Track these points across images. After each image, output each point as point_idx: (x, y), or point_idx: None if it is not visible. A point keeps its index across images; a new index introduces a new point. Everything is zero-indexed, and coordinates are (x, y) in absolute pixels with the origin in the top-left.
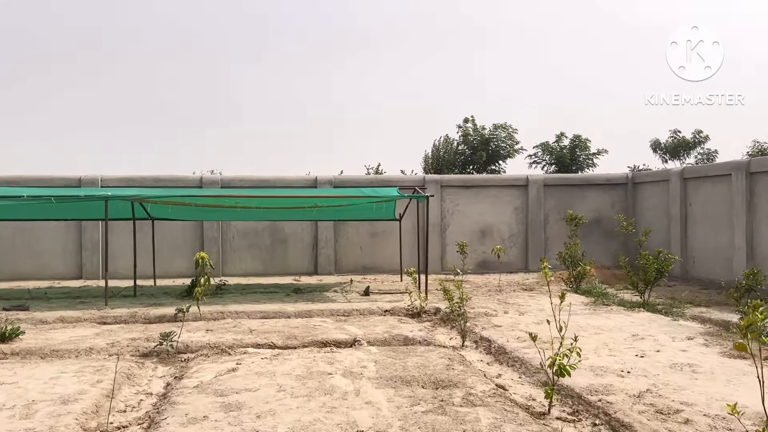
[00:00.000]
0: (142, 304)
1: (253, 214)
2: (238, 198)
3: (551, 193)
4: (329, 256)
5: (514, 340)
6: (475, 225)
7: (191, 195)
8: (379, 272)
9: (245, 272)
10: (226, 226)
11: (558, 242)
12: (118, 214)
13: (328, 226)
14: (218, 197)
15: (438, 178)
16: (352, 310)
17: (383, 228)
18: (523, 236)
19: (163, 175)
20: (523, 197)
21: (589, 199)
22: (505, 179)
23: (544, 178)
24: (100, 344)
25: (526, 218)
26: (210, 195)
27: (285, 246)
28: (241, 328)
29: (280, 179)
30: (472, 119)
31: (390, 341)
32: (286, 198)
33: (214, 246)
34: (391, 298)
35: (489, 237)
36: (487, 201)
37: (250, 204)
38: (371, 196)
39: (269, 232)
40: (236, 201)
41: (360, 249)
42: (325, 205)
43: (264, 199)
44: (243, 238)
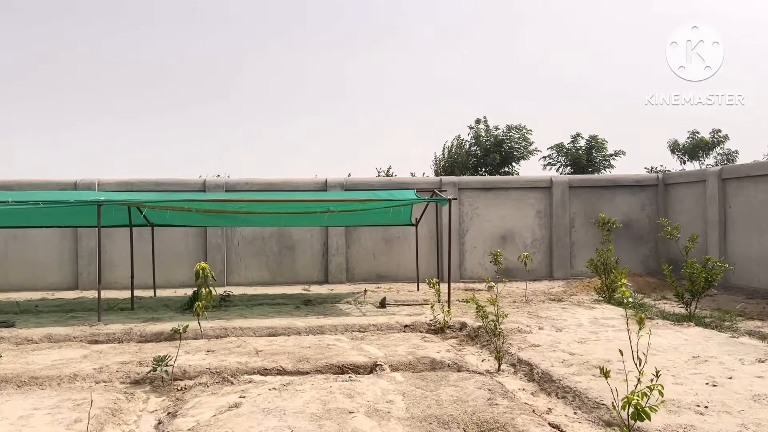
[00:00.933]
0: (139, 318)
1: (260, 219)
2: (243, 203)
3: (576, 195)
4: (340, 264)
5: (558, 364)
6: (495, 230)
7: (192, 200)
8: (393, 281)
9: (251, 281)
10: (231, 233)
11: (584, 248)
12: (115, 221)
13: (339, 232)
14: (222, 202)
15: (456, 180)
16: (369, 325)
17: (397, 233)
18: (547, 242)
19: (163, 179)
20: (546, 200)
21: (617, 201)
22: (528, 181)
23: (569, 179)
24: (87, 369)
25: (550, 222)
26: (212, 200)
27: (293, 253)
28: (246, 348)
29: (288, 182)
30: (484, 120)
31: (415, 365)
32: (296, 202)
33: (218, 254)
34: (410, 311)
35: (510, 243)
36: (509, 204)
37: (257, 209)
38: (388, 200)
39: (277, 239)
40: (241, 206)
41: (373, 256)
42: (339, 209)
43: (272, 204)
44: (249, 245)
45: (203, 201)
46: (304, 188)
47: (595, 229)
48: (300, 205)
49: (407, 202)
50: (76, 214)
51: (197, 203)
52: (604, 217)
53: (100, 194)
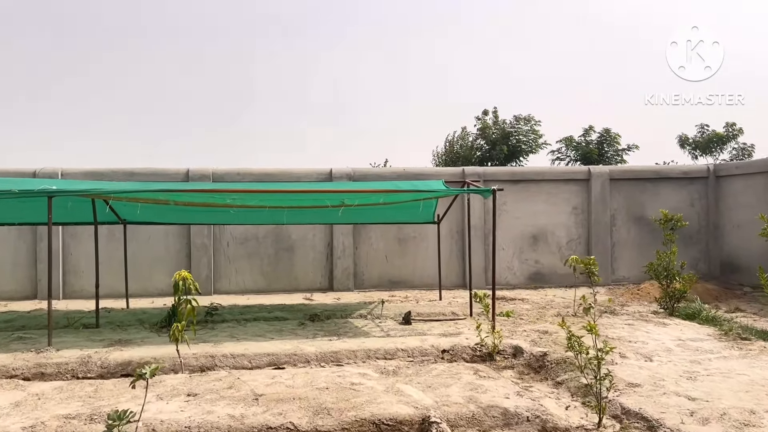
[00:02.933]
0: (103, 340)
1: (256, 215)
2: (234, 195)
3: (618, 188)
4: (347, 268)
5: (686, 418)
6: (525, 228)
7: (169, 190)
8: (408, 287)
9: (243, 289)
10: (220, 232)
11: (627, 249)
12: (79, 217)
13: (346, 230)
14: (208, 193)
15: (480, 170)
16: (397, 350)
17: (413, 232)
18: (584, 242)
19: (139, 168)
20: (583, 194)
21: (662, 195)
22: (563, 172)
23: (609, 170)
24: (12, 430)
25: (587, 220)
26: (196, 190)
27: (292, 255)
28: (240, 390)
29: (287, 172)
30: (493, 111)
31: (482, 419)
32: (301, 194)
33: (204, 256)
34: (442, 329)
35: (543, 243)
36: (540, 199)
37: (251, 202)
38: (420, 191)
39: (273, 239)
40: (233, 198)
41: (385, 258)
42: (355, 203)
43: (270, 197)
44: (240, 246)
45: (183, 192)
46: (305, 180)
47: (639, 228)
48: (306, 197)
49: (440, 194)
50: (34, 209)
51: (175, 194)
52: (666, 214)
53: (53, 182)
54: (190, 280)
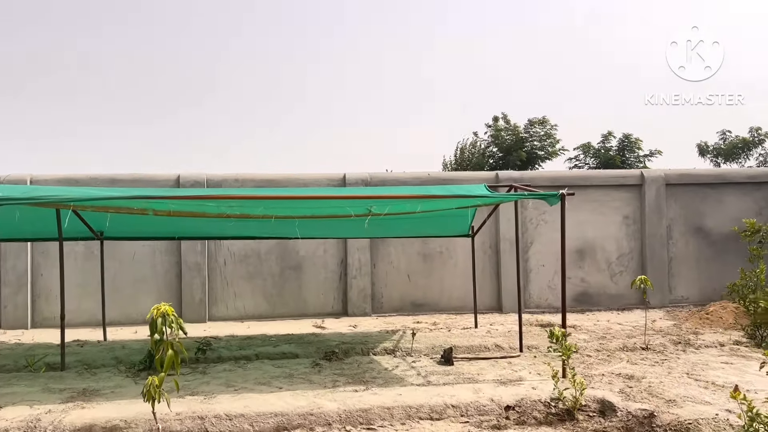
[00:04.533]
0: (64, 391)
1: (259, 227)
2: (232, 202)
3: (674, 195)
4: (364, 289)
5: None
6: (569, 242)
7: (148, 196)
8: (434, 310)
9: (243, 314)
10: (216, 248)
11: (685, 265)
12: (45, 232)
13: (362, 245)
14: (199, 200)
15: (517, 175)
16: (445, 406)
17: (439, 247)
18: (637, 257)
19: (121, 174)
20: (636, 202)
21: (726, 203)
22: (611, 177)
23: (665, 174)
24: None
25: (641, 231)
26: (180, 197)
27: (300, 275)
28: None
29: (294, 178)
30: (503, 116)
31: None
32: (317, 200)
33: (197, 277)
34: (495, 372)
35: (590, 258)
36: (586, 207)
37: (253, 211)
38: (465, 196)
39: (277, 255)
40: (228, 206)
41: (407, 278)
42: (385, 212)
43: (276, 206)
44: (239, 265)
45: (166, 199)
46: (314, 186)
47: (698, 240)
48: (322, 204)
49: (491, 200)
50: None
51: (156, 202)
52: (753, 223)
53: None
54: (172, 317)
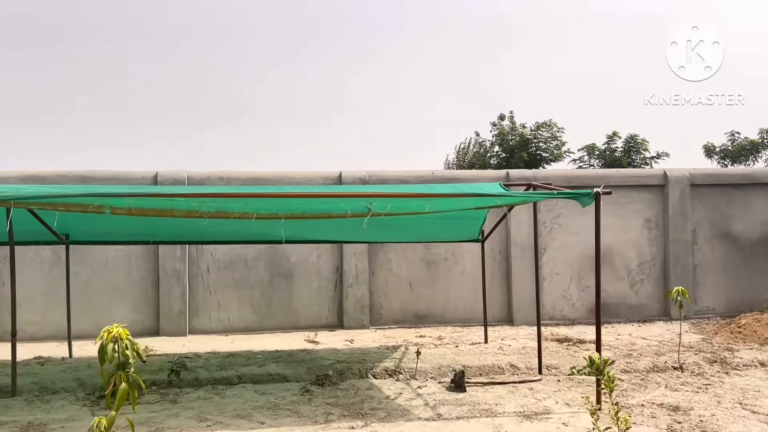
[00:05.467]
0: (5, 425)
1: (241, 230)
2: (206, 200)
3: (699, 197)
4: (361, 299)
5: None
6: (585, 247)
7: (106, 194)
8: (438, 322)
9: (228, 327)
10: (198, 253)
11: (711, 273)
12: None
13: (360, 251)
14: (171, 198)
15: (530, 173)
16: None
17: (444, 253)
18: (659, 264)
19: (93, 171)
20: (658, 204)
21: (755, 205)
22: (632, 177)
23: (690, 174)
24: None
25: (664, 236)
26: (141, 194)
27: (291, 283)
28: None
29: (284, 177)
30: (510, 116)
31: None
32: (310, 199)
33: (177, 285)
34: (516, 402)
35: (608, 266)
36: (604, 210)
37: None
38: (483, 195)
39: (266, 261)
40: (198, 203)
41: (409, 287)
42: (386, 211)
43: (261, 205)
44: (224, 272)
45: (130, 197)
46: (308, 185)
47: (725, 246)
48: (314, 204)
49: (516, 200)
50: None
51: (113, 199)
52: None
53: None
54: (125, 343)
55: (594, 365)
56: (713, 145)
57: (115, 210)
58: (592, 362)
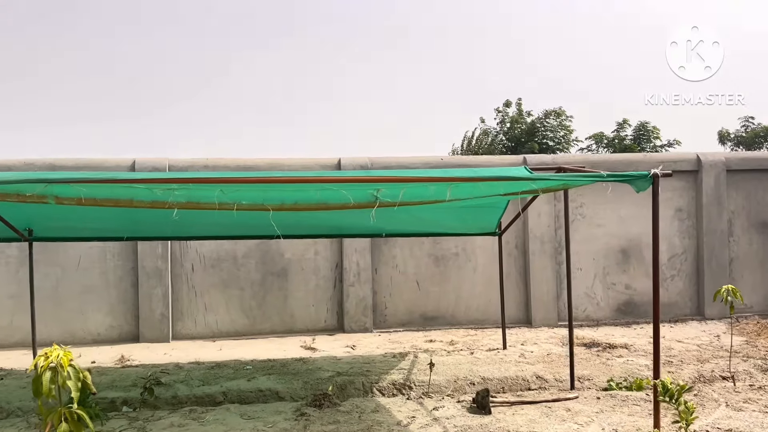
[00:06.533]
0: None
1: (229, 222)
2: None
3: (735, 184)
4: (363, 299)
5: None
6: (611, 240)
7: (57, 180)
8: (449, 323)
9: (215, 332)
10: (182, 250)
11: (749, 267)
12: None
13: (362, 246)
14: (125, 185)
15: (548, 158)
16: None
17: (455, 248)
18: (692, 258)
19: (63, 160)
20: (690, 191)
21: None
22: (661, 161)
23: (725, 158)
24: None
25: (696, 227)
26: (91, 180)
27: (285, 282)
28: None
29: (278, 164)
30: (517, 102)
31: None
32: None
33: (158, 285)
34: (553, 430)
35: (635, 260)
36: (629, 199)
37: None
38: (518, 178)
39: (258, 259)
40: (163, 190)
41: (417, 285)
42: (398, 201)
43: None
44: (211, 271)
45: (78, 182)
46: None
47: (764, 238)
48: (312, 191)
49: (554, 183)
50: None
51: (59, 186)
52: None
53: None
54: (67, 370)
55: (667, 391)
56: (727, 131)
57: (60, 200)
58: (666, 389)
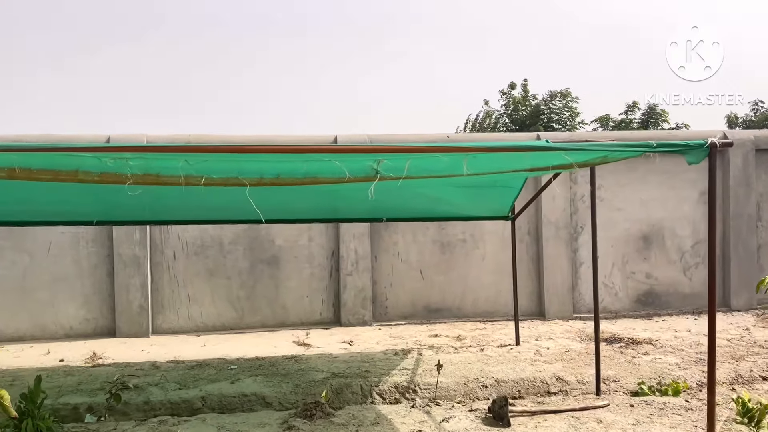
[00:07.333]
0: None
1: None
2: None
3: (763, 164)
4: (362, 290)
5: None
6: (632, 225)
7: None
8: (455, 316)
9: (199, 325)
10: (162, 235)
11: None
12: None
13: (360, 231)
14: (67, 154)
15: (564, 136)
16: None
17: (461, 233)
18: (718, 244)
19: (30, 136)
20: (717, 173)
21: None
22: (687, 138)
23: (754, 136)
24: None
25: (723, 211)
26: (38, 149)
27: (276, 271)
28: None
29: (268, 141)
30: (523, 84)
31: None
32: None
33: (137, 274)
34: None
35: (657, 247)
36: (652, 180)
37: (170, 170)
38: (548, 148)
39: (246, 245)
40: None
41: (420, 274)
42: (404, 176)
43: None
44: (195, 258)
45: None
46: None
47: None
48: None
49: (596, 155)
50: None
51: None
52: None
53: None
54: None
55: (747, 412)
56: (736, 115)
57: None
58: (746, 408)
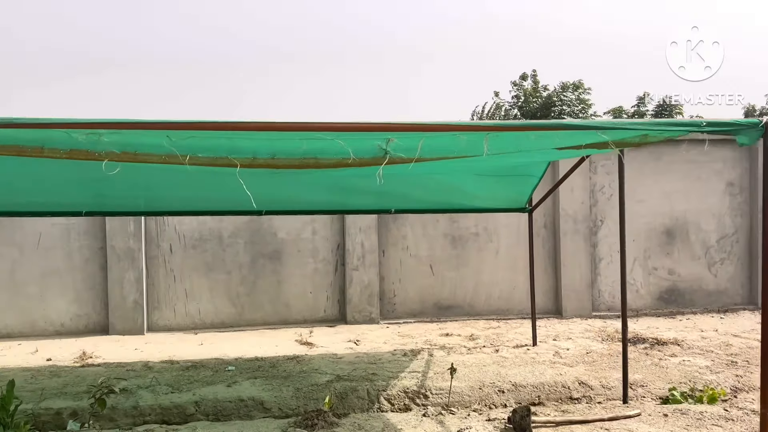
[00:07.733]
0: None
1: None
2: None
3: None
4: (369, 286)
5: None
6: (654, 219)
7: None
8: (467, 314)
9: (197, 322)
10: (158, 227)
11: None
12: None
13: (367, 224)
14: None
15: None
16: None
17: (475, 228)
18: (744, 239)
19: None
20: (744, 163)
21: None
22: None
23: None
24: None
25: (750, 203)
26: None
27: (279, 266)
28: None
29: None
30: (533, 75)
31: None
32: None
33: (131, 269)
34: None
35: (681, 241)
36: (676, 171)
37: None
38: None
39: (247, 239)
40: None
41: (430, 269)
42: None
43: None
44: (193, 251)
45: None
46: None
47: None
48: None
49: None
50: None
51: None
52: None
53: None
54: None
55: None
56: (753, 107)
57: None
58: None
